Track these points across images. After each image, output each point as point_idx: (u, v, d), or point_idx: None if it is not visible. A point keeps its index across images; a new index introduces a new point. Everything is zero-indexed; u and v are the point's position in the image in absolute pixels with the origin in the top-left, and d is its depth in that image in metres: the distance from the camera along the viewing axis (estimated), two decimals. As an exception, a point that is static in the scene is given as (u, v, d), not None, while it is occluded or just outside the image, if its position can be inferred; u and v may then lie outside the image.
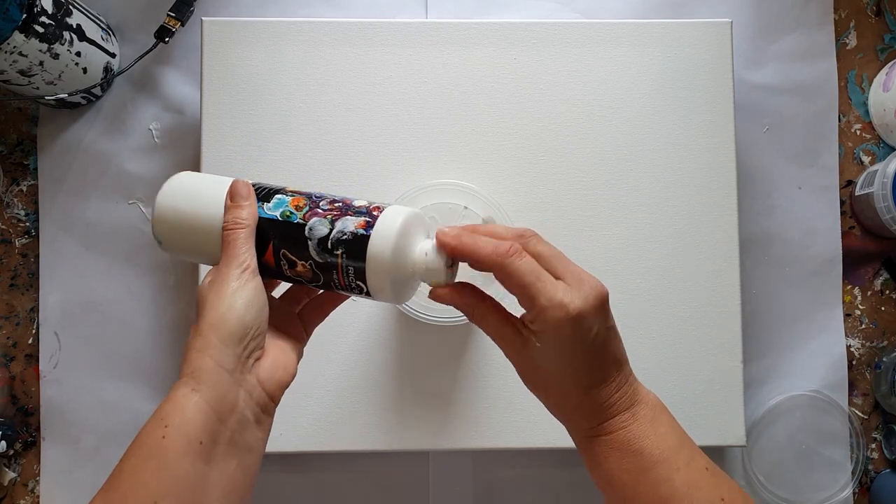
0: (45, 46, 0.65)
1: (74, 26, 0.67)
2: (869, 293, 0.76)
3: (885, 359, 0.73)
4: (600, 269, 0.69)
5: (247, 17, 0.71)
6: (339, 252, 0.44)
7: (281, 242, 0.45)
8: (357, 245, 0.44)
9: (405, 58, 0.70)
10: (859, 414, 0.75)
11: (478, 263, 0.45)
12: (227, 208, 0.46)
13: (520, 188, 0.69)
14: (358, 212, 0.45)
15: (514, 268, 0.43)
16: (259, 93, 0.69)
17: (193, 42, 0.74)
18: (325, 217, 0.45)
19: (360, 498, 0.72)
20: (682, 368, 0.68)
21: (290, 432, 0.67)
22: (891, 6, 0.77)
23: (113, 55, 0.74)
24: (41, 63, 0.66)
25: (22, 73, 0.65)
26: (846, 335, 0.75)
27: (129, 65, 0.72)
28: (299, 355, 0.48)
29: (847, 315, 0.75)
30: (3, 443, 0.70)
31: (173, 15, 0.72)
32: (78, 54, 0.68)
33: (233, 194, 0.46)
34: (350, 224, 0.44)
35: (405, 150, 0.69)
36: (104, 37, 0.72)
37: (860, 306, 0.76)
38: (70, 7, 0.67)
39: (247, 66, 0.69)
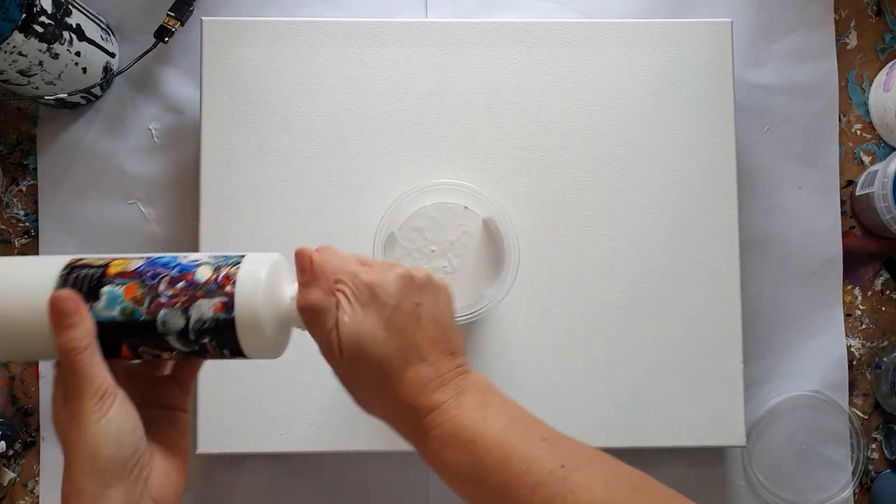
0: (44, 46, 0.64)
1: (74, 26, 0.67)
2: (869, 293, 0.76)
3: (885, 359, 0.73)
4: (600, 268, 0.69)
5: (247, 16, 0.71)
6: (205, 340, 0.41)
7: (134, 341, 0.41)
8: (224, 331, 0.41)
9: (405, 58, 0.70)
10: (860, 414, 0.75)
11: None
12: (55, 331, 0.39)
13: (520, 188, 0.69)
14: (207, 289, 0.41)
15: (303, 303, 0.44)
16: (259, 93, 0.69)
17: (193, 42, 0.74)
18: (172, 307, 0.40)
19: (360, 498, 0.72)
20: (682, 368, 0.68)
21: (290, 432, 0.67)
22: (891, 6, 0.77)
23: (112, 55, 0.74)
24: (41, 63, 0.66)
25: (21, 72, 0.65)
26: (846, 335, 0.75)
27: (128, 65, 0.72)
28: (187, 431, 0.45)
29: (847, 315, 0.75)
30: (3, 443, 0.70)
31: (173, 15, 0.72)
32: (77, 54, 0.68)
33: (57, 315, 0.40)
34: (207, 310, 0.40)
35: (405, 150, 0.69)
36: (104, 36, 0.72)
37: (860, 306, 0.76)
38: (70, 7, 0.67)
39: (247, 65, 0.69)
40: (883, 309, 0.76)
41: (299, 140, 0.69)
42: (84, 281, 0.41)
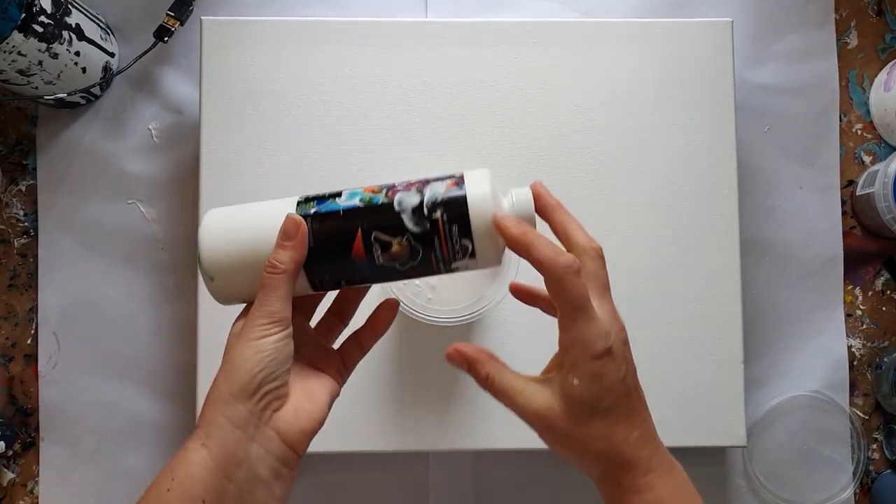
0: (44, 46, 0.64)
1: (73, 26, 0.67)
2: (870, 293, 0.76)
3: (885, 359, 0.73)
4: (600, 269, 0.69)
5: (246, 16, 0.71)
6: (437, 214, 0.42)
7: (370, 226, 0.43)
8: (456, 202, 0.42)
9: (405, 57, 0.69)
10: (860, 414, 0.75)
11: (533, 262, 0.43)
12: (274, 248, 0.43)
13: (520, 188, 0.69)
14: (439, 179, 0.44)
15: (569, 286, 0.42)
16: (259, 92, 0.69)
17: (193, 42, 0.74)
18: (409, 190, 0.43)
19: (361, 498, 0.72)
20: (683, 368, 0.68)
21: (289, 433, 0.67)
22: (891, 6, 0.77)
23: (112, 55, 0.74)
24: (40, 63, 0.66)
25: (21, 72, 0.65)
26: (847, 335, 0.75)
27: (128, 64, 0.72)
28: (333, 397, 0.46)
29: (848, 315, 0.75)
30: (2, 443, 0.70)
31: (172, 14, 0.72)
32: (77, 54, 0.68)
33: (282, 232, 0.43)
34: (439, 188, 0.43)
35: (405, 150, 0.69)
36: (103, 36, 0.72)
37: (861, 306, 0.75)
38: (69, 6, 0.67)
39: (246, 65, 0.69)
40: (883, 309, 0.75)
41: (299, 139, 0.69)
42: (327, 195, 0.44)
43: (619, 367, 0.43)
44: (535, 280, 0.68)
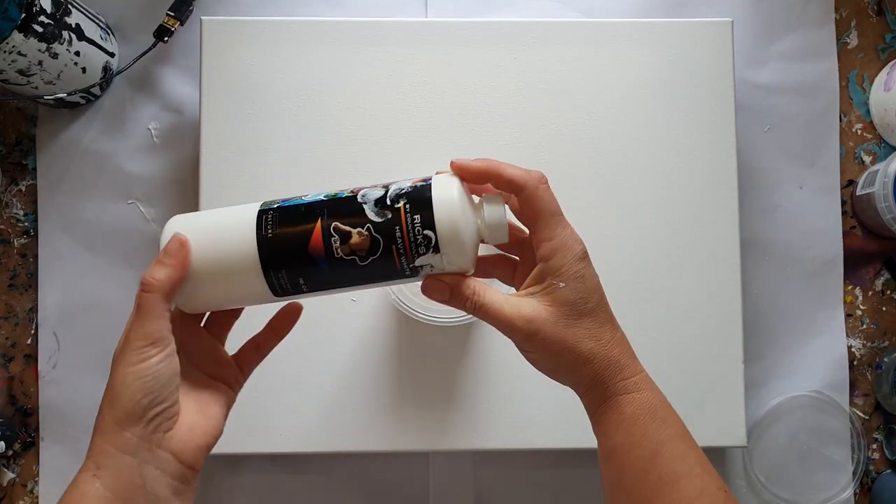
0: (44, 46, 0.64)
1: (73, 26, 0.67)
2: (870, 293, 0.76)
3: (886, 359, 0.73)
4: (600, 268, 0.69)
5: (246, 16, 0.71)
6: (400, 204, 0.42)
7: (330, 217, 0.42)
8: (419, 192, 0.42)
9: (405, 57, 0.69)
10: (860, 414, 0.74)
11: (503, 184, 0.44)
12: (151, 264, 0.42)
13: (520, 188, 0.69)
14: (405, 179, 0.44)
15: (543, 195, 0.44)
16: (259, 92, 0.69)
17: (193, 42, 0.74)
18: (374, 187, 0.43)
19: (361, 498, 0.72)
20: (683, 368, 0.68)
21: (290, 432, 0.67)
22: (892, 5, 0.77)
23: (112, 55, 0.74)
24: (40, 63, 0.65)
25: (21, 72, 0.65)
26: (847, 335, 0.75)
27: (128, 64, 0.71)
28: (228, 407, 0.46)
29: (848, 315, 0.75)
30: (2, 443, 0.70)
31: (172, 14, 0.72)
32: (77, 54, 0.68)
33: (163, 250, 0.42)
34: (405, 183, 0.43)
35: (405, 150, 0.69)
36: (103, 36, 0.72)
37: (861, 306, 0.75)
38: (69, 6, 0.67)
39: (246, 65, 0.69)
40: (884, 309, 0.75)
41: (299, 140, 0.69)
42: (290, 198, 0.44)
43: (595, 272, 0.45)
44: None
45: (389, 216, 0.42)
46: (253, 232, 0.43)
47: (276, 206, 0.43)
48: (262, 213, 0.43)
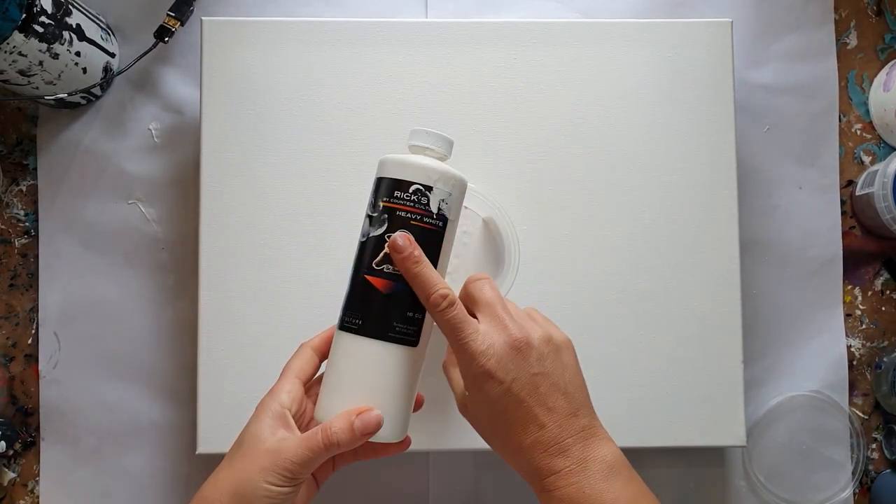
0: (44, 46, 0.64)
1: (74, 26, 0.67)
2: (869, 293, 0.76)
3: (885, 359, 0.73)
4: (600, 268, 0.69)
5: (247, 16, 0.71)
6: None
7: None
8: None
9: (405, 58, 0.70)
10: (860, 414, 0.75)
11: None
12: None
13: (520, 188, 0.69)
14: None
15: (441, 319, 0.48)
16: (259, 93, 0.69)
17: (193, 42, 0.74)
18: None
19: (361, 498, 0.72)
20: (683, 368, 0.68)
21: (289, 432, 0.67)
22: (891, 6, 0.77)
23: (113, 55, 0.74)
24: (41, 63, 0.66)
25: (21, 72, 0.65)
26: (846, 335, 0.75)
27: (128, 64, 0.72)
28: (316, 490, 0.54)
29: (847, 315, 0.75)
30: (3, 443, 0.70)
31: (173, 14, 0.72)
32: (78, 54, 0.68)
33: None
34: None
35: (405, 150, 0.69)
36: (104, 37, 0.72)
37: (860, 306, 0.76)
38: (70, 7, 0.67)
39: (247, 65, 0.69)
40: (883, 309, 0.76)
41: (299, 140, 0.69)
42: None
43: (501, 381, 0.47)
44: (535, 279, 0.68)
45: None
46: None
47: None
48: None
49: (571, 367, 0.50)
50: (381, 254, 0.49)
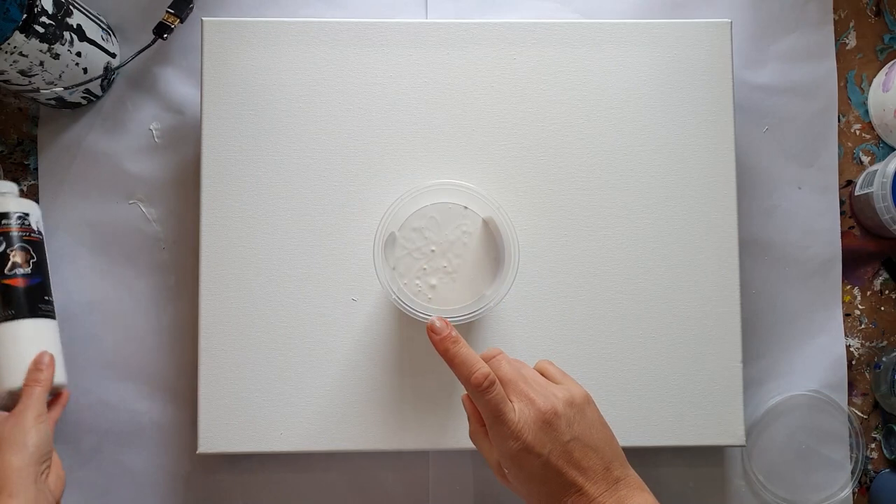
0: (45, 46, 0.65)
1: (75, 26, 0.68)
2: (868, 293, 0.76)
3: (884, 359, 0.74)
4: (600, 268, 0.69)
5: (247, 16, 0.71)
6: None
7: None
8: None
9: (405, 58, 0.70)
10: (859, 414, 0.75)
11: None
12: (30, 370, 0.64)
13: (520, 188, 0.69)
14: None
15: (481, 400, 0.51)
16: (259, 93, 0.69)
17: (193, 42, 0.74)
18: None
19: (361, 498, 0.72)
20: (682, 368, 0.68)
21: (290, 432, 0.67)
22: (890, 6, 0.77)
23: (113, 55, 0.74)
24: (41, 63, 0.66)
25: (22, 73, 0.66)
26: (846, 335, 0.75)
27: (127, 60, 0.72)
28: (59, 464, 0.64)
29: (846, 315, 0.75)
30: (3, 443, 0.70)
31: (172, 11, 0.72)
32: (78, 54, 0.68)
33: (36, 362, 0.65)
34: None
35: (405, 150, 0.70)
36: (104, 37, 0.73)
37: (860, 306, 0.76)
38: (70, 7, 0.67)
39: (247, 66, 0.70)
40: (882, 309, 0.76)
41: (299, 140, 0.69)
42: None
43: (539, 454, 0.50)
44: (535, 279, 0.68)
45: None
46: None
47: None
48: None
49: (597, 422, 0.52)
50: (10, 262, 0.66)
